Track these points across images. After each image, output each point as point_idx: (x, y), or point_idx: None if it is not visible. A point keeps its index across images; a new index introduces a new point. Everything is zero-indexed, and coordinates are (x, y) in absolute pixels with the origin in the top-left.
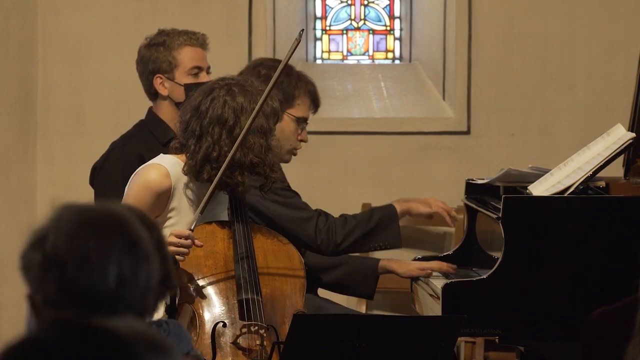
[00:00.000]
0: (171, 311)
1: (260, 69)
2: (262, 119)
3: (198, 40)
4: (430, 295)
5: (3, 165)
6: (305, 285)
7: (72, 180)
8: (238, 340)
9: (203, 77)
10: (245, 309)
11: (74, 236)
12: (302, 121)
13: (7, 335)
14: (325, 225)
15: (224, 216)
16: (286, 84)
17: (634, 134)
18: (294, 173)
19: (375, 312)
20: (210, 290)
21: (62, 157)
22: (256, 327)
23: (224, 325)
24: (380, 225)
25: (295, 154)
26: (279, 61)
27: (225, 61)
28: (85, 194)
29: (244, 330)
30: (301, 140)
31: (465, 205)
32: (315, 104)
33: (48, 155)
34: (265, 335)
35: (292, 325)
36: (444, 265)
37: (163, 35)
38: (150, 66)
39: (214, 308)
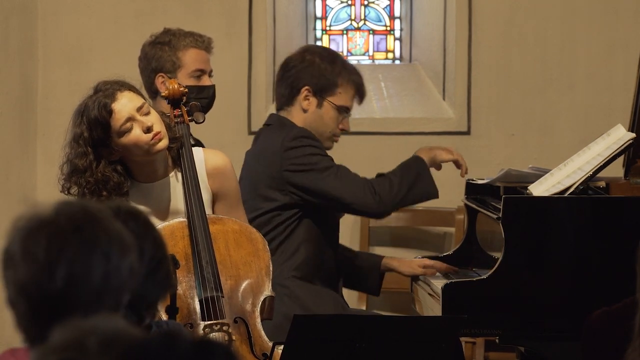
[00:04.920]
0: (171, 311)
1: (306, 54)
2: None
3: (204, 43)
4: (430, 295)
5: (3, 165)
6: (270, 266)
7: None
8: None
9: (205, 80)
10: (205, 308)
11: (27, 235)
12: (343, 110)
13: (9, 335)
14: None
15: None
16: (329, 71)
17: (634, 134)
18: None
19: (375, 312)
20: (177, 293)
21: (62, 157)
22: (219, 325)
23: (191, 326)
24: (418, 179)
25: (336, 141)
26: (328, 50)
27: (225, 61)
28: None
29: (207, 330)
30: (342, 129)
31: (466, 205)
32: (359, 94)
33: (48, 155)
34: (232, 330)
35: (292, 325)
36: (443, 266)
37: (169, 35)
38: (153, 64)
39: (181, 311)
